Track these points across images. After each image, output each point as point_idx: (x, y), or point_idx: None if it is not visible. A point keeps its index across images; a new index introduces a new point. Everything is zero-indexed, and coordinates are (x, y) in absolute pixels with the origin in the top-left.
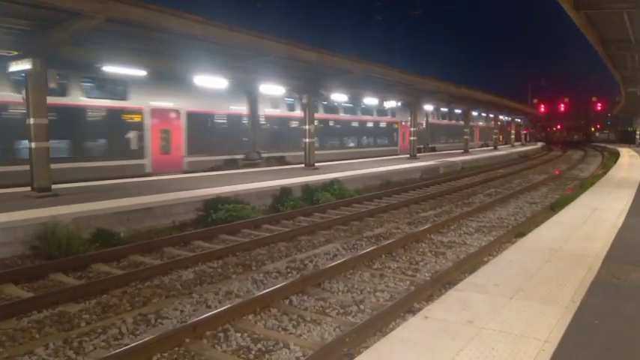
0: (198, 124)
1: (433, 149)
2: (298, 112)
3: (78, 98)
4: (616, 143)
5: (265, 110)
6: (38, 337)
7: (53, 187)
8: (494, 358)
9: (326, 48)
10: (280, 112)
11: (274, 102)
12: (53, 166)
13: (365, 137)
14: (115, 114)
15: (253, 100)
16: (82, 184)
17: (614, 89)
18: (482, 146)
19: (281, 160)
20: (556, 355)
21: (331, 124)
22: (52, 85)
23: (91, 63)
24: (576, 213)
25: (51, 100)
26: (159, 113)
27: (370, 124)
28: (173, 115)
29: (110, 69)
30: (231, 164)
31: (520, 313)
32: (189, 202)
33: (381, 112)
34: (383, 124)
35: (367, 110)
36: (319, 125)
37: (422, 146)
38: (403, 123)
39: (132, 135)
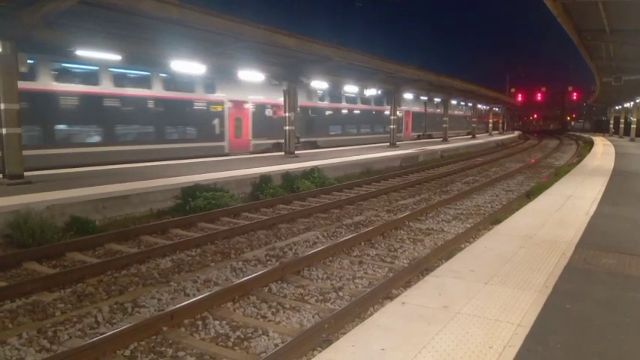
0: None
1: (430, 136)
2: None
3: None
4: (591, 132)
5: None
6: (11, 327)
7: (27, 174)
8: (468, 342)
9: (307, 35)
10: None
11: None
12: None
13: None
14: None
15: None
16: (56, 172)
17: (589, 79)
18: (467, 134)
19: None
20: (528, 339)
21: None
22: (22, 68)
23: (64, 47)
24: (551, 201)
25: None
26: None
27: (357, 113)
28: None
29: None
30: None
31: (494, 298)
32: (167, 189)
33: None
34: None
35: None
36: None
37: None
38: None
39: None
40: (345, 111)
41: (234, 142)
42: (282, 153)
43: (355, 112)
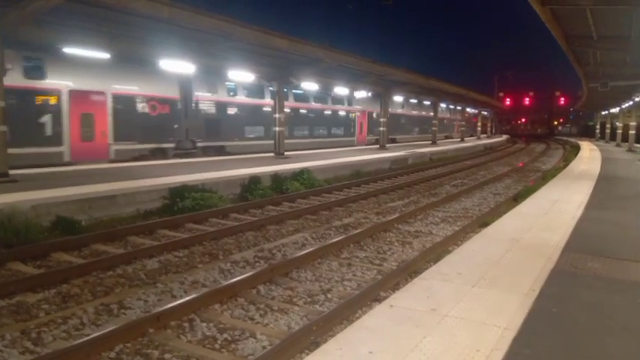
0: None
1: (394, 140)
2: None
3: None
4: (577, 137)
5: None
6: None
7: (12, 172)
8: (456, 345)
9: (297, 36)
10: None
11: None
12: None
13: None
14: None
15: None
16: (41, 170)
17: (576, 84)
18: (445, 138)
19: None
20: (515, 342)
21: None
22: (8, 66)
23: (52, 44)
24: (538, 204)
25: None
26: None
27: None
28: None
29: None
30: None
31: (482, 301)
32: (154, 190)
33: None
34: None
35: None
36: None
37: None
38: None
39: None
40: (267, 109)
41: (81, 147)
42: (174, 160)
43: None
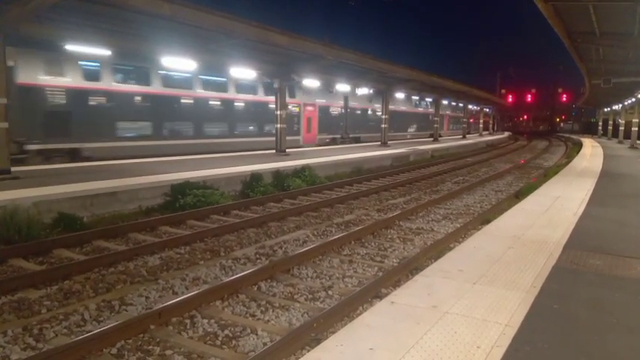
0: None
1: (357, 140)
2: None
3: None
4: (579, 134)
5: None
6: None
7: (14, 169)
8: (456, 341)
9: (299, 33)
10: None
11: (359, 99)
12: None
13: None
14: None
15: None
16: (43, 167)
17: (579, 81)
18: (430, 136)
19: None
20: (516, 339)
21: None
22: (10, 62)
23: (53, 41)
24: (539, 201)
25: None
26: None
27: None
28: (312, 107)
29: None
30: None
31: (483, 298)
32: (156, 186)
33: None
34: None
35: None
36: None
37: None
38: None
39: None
40: (159, 96)
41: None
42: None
43: (185, 100)
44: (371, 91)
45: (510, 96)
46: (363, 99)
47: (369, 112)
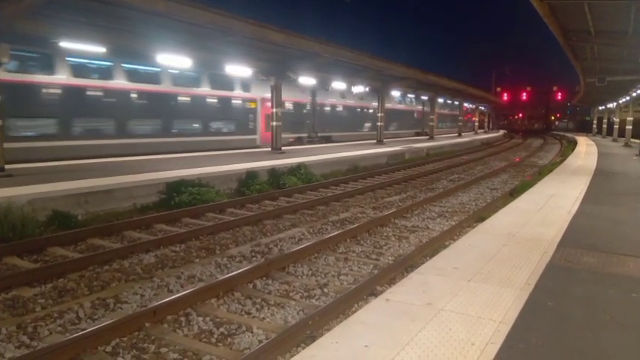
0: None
1: (328, 139)
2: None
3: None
4: (574, 132)
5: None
6: None
7: (8, 167)
8: (451, 338)
9: (295, 31)
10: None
11: (330, 94)
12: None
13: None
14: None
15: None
16: (38, 165)
17: (574, 79)
18: (416, 135)
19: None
20: (510, 336)
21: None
22: (4, 59)
23: (47, 38)
24: (534, 199)
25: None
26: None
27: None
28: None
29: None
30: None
31: (477, 295)
32: (151, 184)
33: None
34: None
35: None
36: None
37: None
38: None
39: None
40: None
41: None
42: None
43: (121, 94)
44: (344, 85)
45: (505, 94)
46: (335, 94)
47: (341, 108)
